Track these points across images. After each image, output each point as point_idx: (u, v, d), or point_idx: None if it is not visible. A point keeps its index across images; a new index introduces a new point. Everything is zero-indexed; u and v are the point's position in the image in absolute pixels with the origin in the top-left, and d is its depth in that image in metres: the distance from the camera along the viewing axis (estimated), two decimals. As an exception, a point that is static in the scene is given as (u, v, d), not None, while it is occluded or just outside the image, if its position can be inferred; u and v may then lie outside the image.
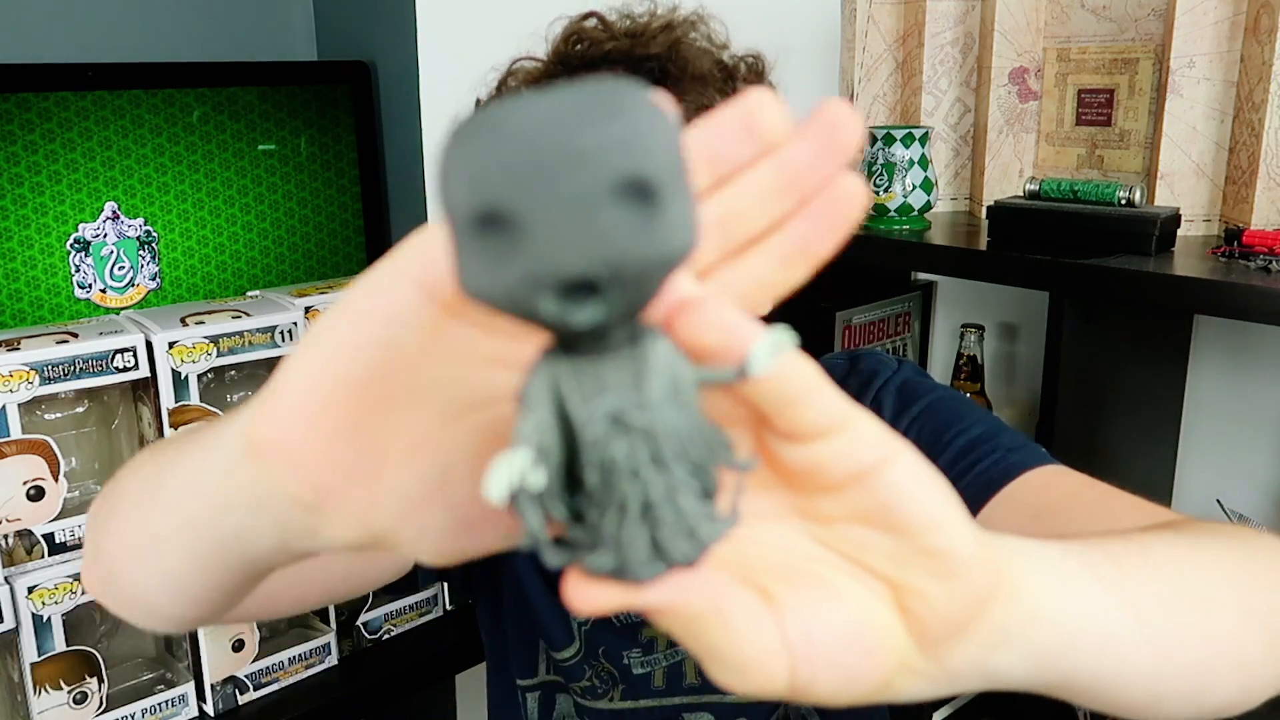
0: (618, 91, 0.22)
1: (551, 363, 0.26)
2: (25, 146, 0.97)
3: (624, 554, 0.26)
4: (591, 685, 0.76)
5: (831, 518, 0.31)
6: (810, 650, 0.29)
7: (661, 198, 0.23)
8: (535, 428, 0.25)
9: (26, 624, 0.81)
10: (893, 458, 0.29)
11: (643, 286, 0.23)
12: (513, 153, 0.22)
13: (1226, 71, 0.88)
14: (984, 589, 0.31)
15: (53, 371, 0.80)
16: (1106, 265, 0.81)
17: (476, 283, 0.23)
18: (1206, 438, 1.09)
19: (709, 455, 0.26)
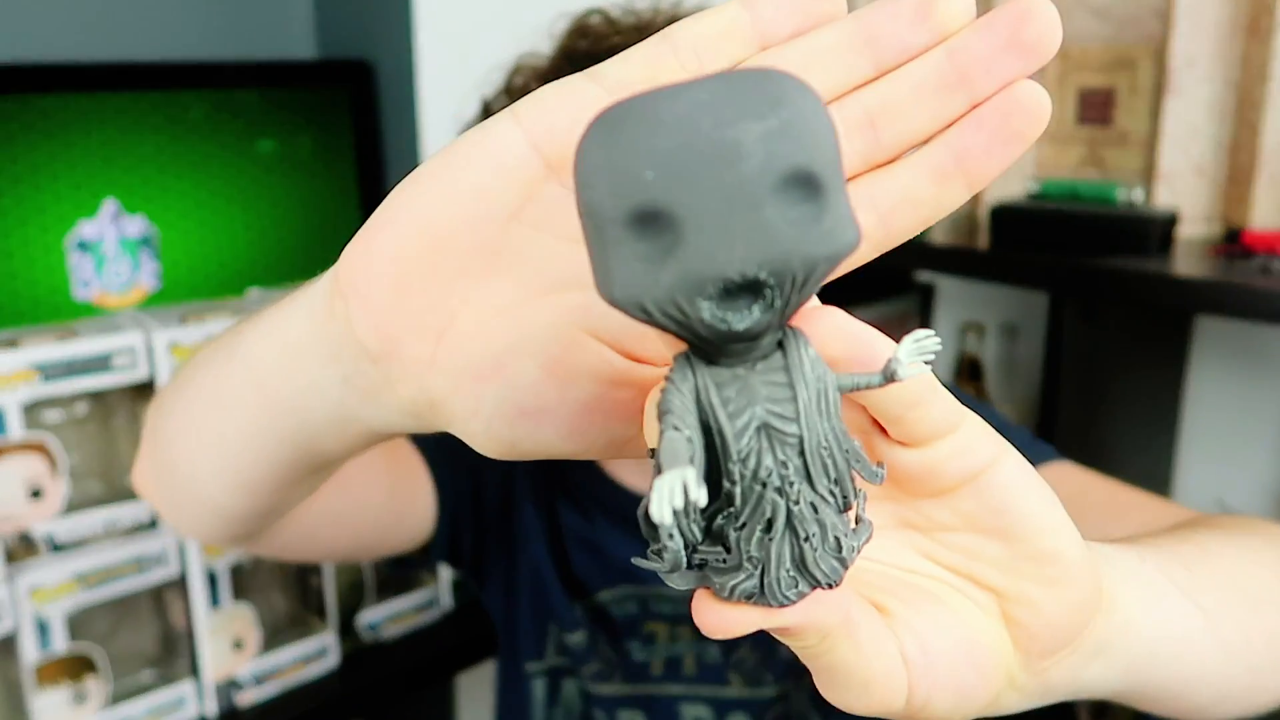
0: (772, 79, 0.21)
1: (693, 371, 0.24)
2: (25, 146, 0.97)
3: (767, 575, 0.24)
4: (599, 669, 0.77)
5: (940, 526, 0.29)
6: (928, 668, 0.28)
7: (827, 191, 0.21)
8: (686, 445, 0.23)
9: (27, 623, 0.81)
10: (1002, 459, 0.28)
11: (807, 286, 0.22)
12: (668, 146, 0.20)
13: (1227, 71, 0.88)
14: (1092, 597, 0.30)
15: (53, 371, 0.81)
16: (1107, 265, 0.81)
17: (630, 288, 0.22)
18: (1207, 438, 1.09)
19: (847, 466, 0.25)
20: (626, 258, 0.21)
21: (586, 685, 0.78)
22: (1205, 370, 1.08)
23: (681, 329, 0.22)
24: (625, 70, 0.28)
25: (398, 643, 1.04)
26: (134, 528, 0.87)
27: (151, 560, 0.87)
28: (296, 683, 0.98)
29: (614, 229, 0.21)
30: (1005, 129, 0.27)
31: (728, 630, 0.25)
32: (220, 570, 0.91)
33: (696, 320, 0.22)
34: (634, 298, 0.22)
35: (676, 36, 0.28)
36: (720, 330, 0.22)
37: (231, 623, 0.92)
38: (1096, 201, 0.89)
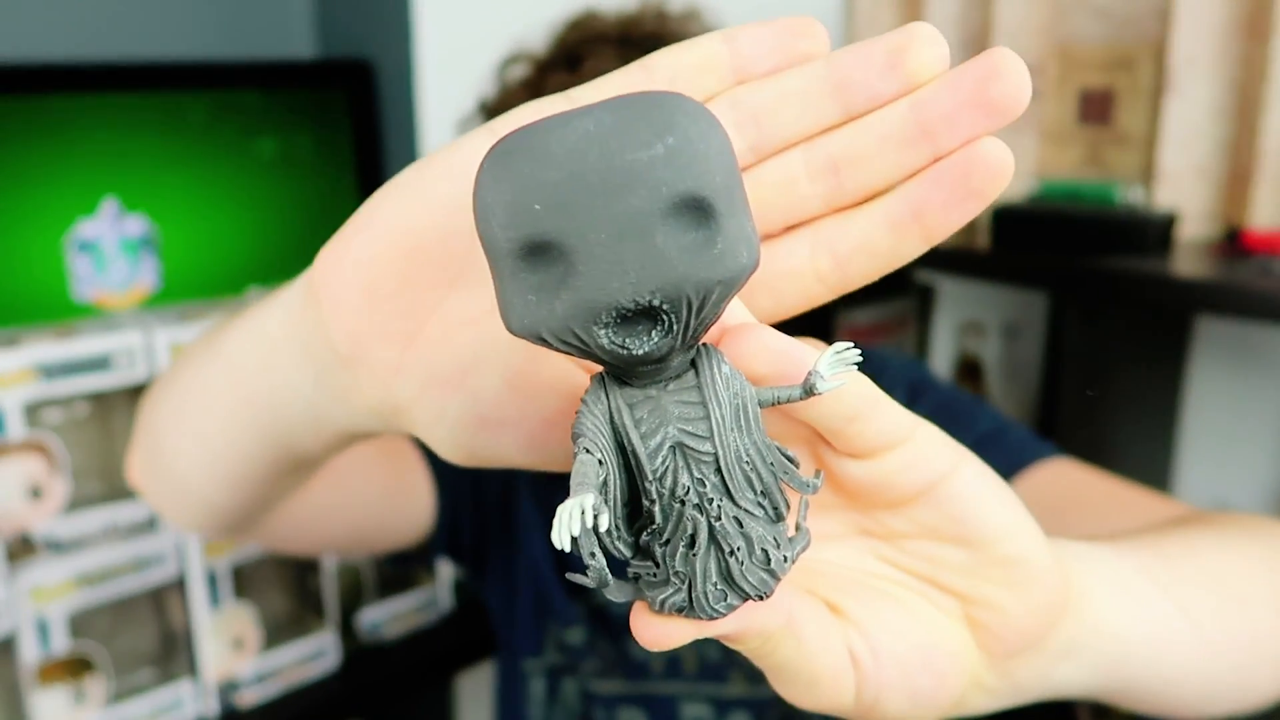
0: (662, 105, 0.21)
1: (606, 393, 0.24)
2: (25, 145, 0.97)
3: (694, 590, 0.24)
4: (599, 666, 0.77)
5: (899, 534, 0.29)
6: (877, 668, 0.28)
7: (719, 215, 0.21)
8: (596, 468, 0.23)
9: (27, 623, 0.82)
10: (960, 468, 0.28)
11: (704, 310, 0.22)
12: (557, 176, 0.20)
13: (1227, 71, 0.88)
14: (1057, 599, 0.30)
15: (53, 371, 0.81)
16: (1107, 265, 0.82)
17: (526, 319, 0.22)
18: (1207, 437, 1.09)
19: (775, 477, 0.25)
20: (522, 289, 0.21)
21: (586, 683, 0.78)
22: (1205, 370, 1.08)
23: (584, 354, 0.22)
24: (601, 95, 0.28)
25: (398, 643, 1.04)
26: (134, 528, 0.87)
27: (151, 560, 0.88)
28: (296, 683, 0.98)
29: (509, 261, 0.21)
30: (964, 187, 0.26)
31: (663, 643, 0.25)
32: (220, 570, 0.91)
33: (596, 347, 0.22)
34: (530, 328, 0.22)
35: (654, 65, 0.28)
36: (621, 355, 0.22)
37: (231, 623, 0.93)
38: (1096, 202, 0.89)
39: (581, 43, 0.70)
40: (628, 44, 0.69)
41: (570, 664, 0.79)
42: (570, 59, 0.69)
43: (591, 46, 0.69)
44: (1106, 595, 0.33)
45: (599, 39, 0.69)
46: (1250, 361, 1.05)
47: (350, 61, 1.18)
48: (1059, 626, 0.31)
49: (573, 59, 0.69)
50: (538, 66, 0.71)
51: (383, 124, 1.21)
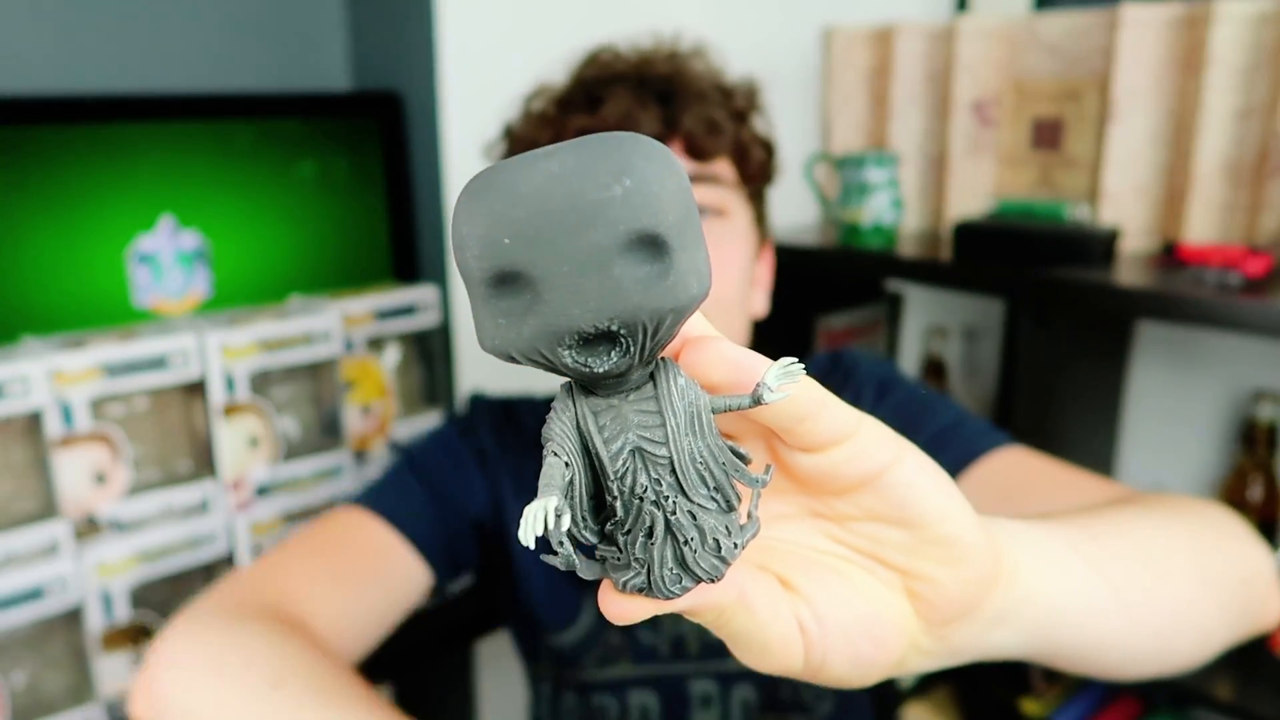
0: (623, 146, 0.21)
1: (573, 401, 0.24)
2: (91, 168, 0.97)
3: (653, 574, 0.25)
4: (604, 654, 0.73)
5: (845, 516, 0.30)
6: (823, 635, 0.29)
7: (672, 250, 0.21)
8: (563, 469, 0.24)
9: (93, 595, 0.82)
10: (901, 458, 0.28)
11: (659, 334, 0.22)
12: (524, 213, 0.20)
13: (1164, 102, 0.88)
14: (988, 574, 0.31)
15: (116, 370, 0.81)
16: (1057, 275, 0.82)
17: (496, 340, 0.22)
18: (1146, 430, 1.09)
19: (727, 474, 0.25)
20: (493, 313, 0.22)
21: (588, 675, 0.73)
22: (1145, 370, 1.08)
23: (550, 369, 0.23)
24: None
25: (420, 612, 1.04)
26: (188, 510, 0.87)
27: (204, 539, 0.88)
28: (333, 648, 0.98)
29: (481, 288, 0.22)
30: None
31: (626, 618, 0.25)
32: (266, 548, 0.91)
33: (561, 365, 0.22)
34: (500, 348, 0.22)
35: None
36: (583, 372, 0.22)
37: (275, 594, 0.93)
38: (1048, 218, 0.89)
39: (599, 82, 0.68)
40: (643, 85, 0.67)
41: (567, 668, 0.74)
42: (590, 99, 0.67)
43: (610, 88, 0.67)
44: (1037, 568, 0.33)
45: (616, 79, 0.67)
46: (1185, 361, 1.05)
47: (381, 94, 1.18)
48: (991, 597, 0.31)
49: (592, 99, 0.67)
50: (558, 103, 0.68)
51: (410, 149, 1.21)
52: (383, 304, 1.00)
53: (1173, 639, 0.41)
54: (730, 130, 0.67)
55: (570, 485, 0.24)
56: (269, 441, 0.91)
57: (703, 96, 0.67)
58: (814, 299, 1.13)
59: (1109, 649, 0.38)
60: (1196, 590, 0.42)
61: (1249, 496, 0.94)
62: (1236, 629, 0.46)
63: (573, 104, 0.67)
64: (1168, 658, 0.42)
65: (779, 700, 0.73)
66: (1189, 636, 0.42)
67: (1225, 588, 0.44)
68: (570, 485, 0.24)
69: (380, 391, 1.01)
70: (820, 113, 1.16)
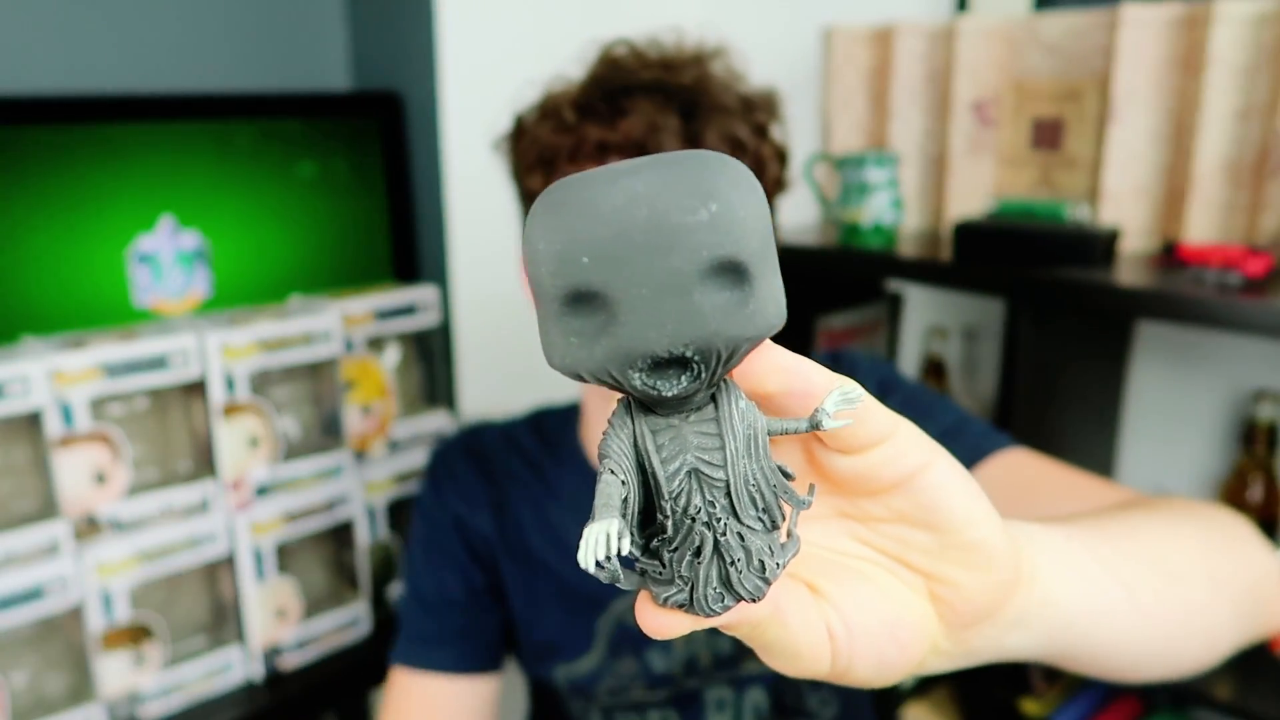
0: (709, 168, 0.20)
1: (631, 419, 0.24)
2: (91, 168, 0.97)
3: (695, 592, 0.24)
4: (617, 684, 0.73)
5: (874, 518, 0.30)
6: (850, 640, 0.29)
7: (753, 277, 0.21)
8: (619, 488, 0.23)
9: (93, 595, 0.82)
10: (934, 462, 0.28)
11: (732, 360, 0.22)
12: (605, 233, 0.20)
13: (1164, 102, 0.88)
14: (1010, 578, 0.31)
15: (116, 370, 0.81)
16: (1057, 275, 0.82)
17: (566, 358, 0.22)
18: (1146, 430, 1.09)
19: (776, 495, 0.25)
20: (564, 331, 0.21)
21: (604, 702, 0.74)
22: (1145, 369, 1.08)
23: (615, 389, 0.22)
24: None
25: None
26: (188, 510, 0.87)
27: (204, 539, 0.88)
28: (333, 648, 0.98)
29: (554, 305, 0.21)
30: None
31: (664, 633, 0.25)
32: (265, 548, 0.91)
33: (629, 387, 0.22)
34: (570, 367, 0.22)
35: None
36: (651, 395, 0.22)
37: (275, 594, 0.93)
38: (1048, 218, 0.89)
39: (621, 90, 0.65)
40: (665, 95, 0.64)
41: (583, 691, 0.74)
42: (611, 108, 0.64)
43: (631, 98, 0.64)
44: (1055, 572, 0.33)
45: (637, 88, 0.65)
46: (1185, 361, 1.05)
47: (381, 94, 1.18)
48: (1012, 601, 0.31)
49: (613, 108, 0.64)
50: (576, 107, 0.66)
51: (411, 149, 1.21)
52: (383, 304, 1.00)
53: (1183, 641, 0.41)
54: (752, 146, 0.66)
55: (625, 503, 0.23)
56: (269, 441, 0.91)
57: (725, 110, 0.65)
58: (814, 299, 1.13)
59: (1121, 651, 0.38)
60: (1207, 593, 0.42)
61: (1249, 496, 0.94)
62: (1245, 632, 0.46)
63: (592, 110, 0.65)
64: (1178, 660, 0.42)
65: (786, 705, 0.73)
66: (1199, 639, 0.42)
67: (1234, 590, 0.44)
68: (625, 503, 0.23)
69: (380, 391, 1.01)
70: (820, 113, 1.16)
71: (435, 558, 0.77)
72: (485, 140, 0.81)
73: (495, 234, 1.13)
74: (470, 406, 1.22)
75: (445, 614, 0.76)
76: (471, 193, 1.18)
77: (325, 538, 0.99)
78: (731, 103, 0.66)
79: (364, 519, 1.00)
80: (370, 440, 1.00)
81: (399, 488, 1.03)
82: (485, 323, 1.22)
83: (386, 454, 1.02)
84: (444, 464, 0.80)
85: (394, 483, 1.02)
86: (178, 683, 0.88)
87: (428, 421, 1.05)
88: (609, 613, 0.73)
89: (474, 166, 1.15)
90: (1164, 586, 0.40)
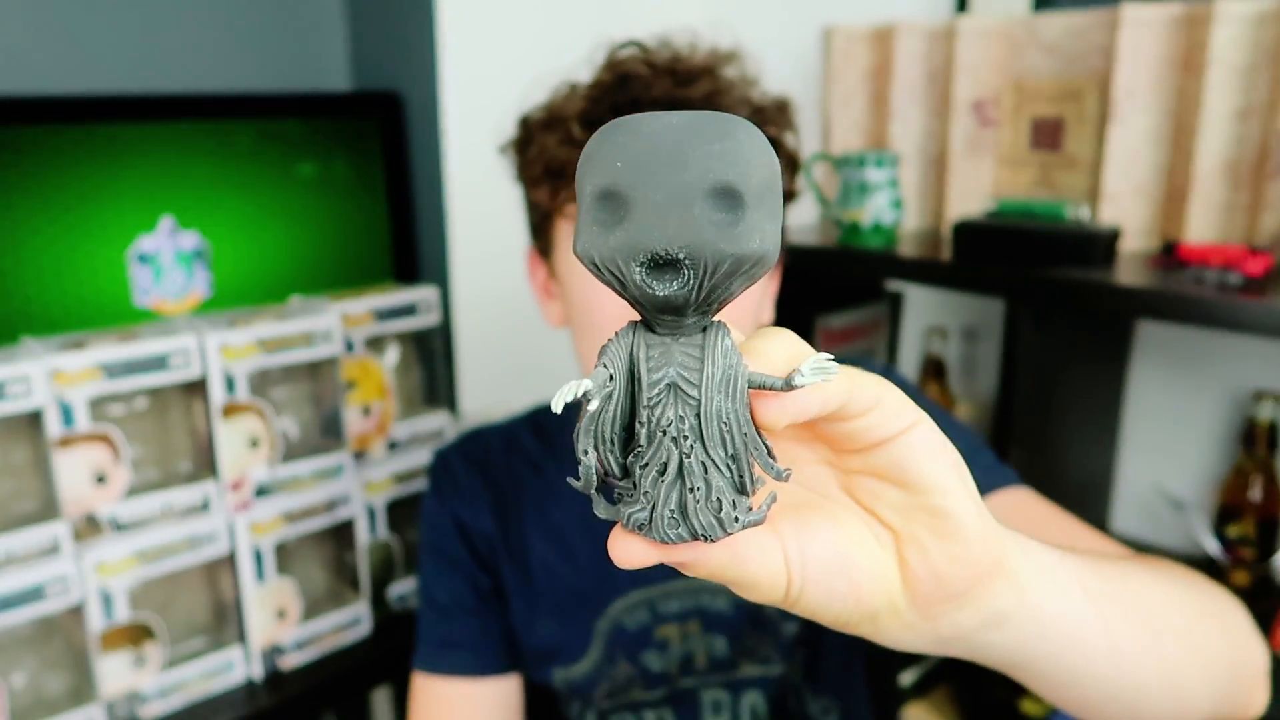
0: (731, 121, 0.25)
1: (635, 333, 0.27)
2: (91, 169, 0.97)
3: (654, 511, 0.27)
4: (614, 687, 0.73)
5: (852, 470, 0.32)
6: (802, 568, 0.30)
7: (744, 207, 0.24)
8: (606, 379, 0.27)
9: (93, 595, 0.82)
10: (914, 426, 0.30)
11: (716, 276, 0.25)
12: (639, 147, 0.24)
13: (1163, 102, 0.88)
14: (983, 564, 0.31)
15: (116, 370, 0.81)
16: (1057, 275, 0.81)
17: (587, 245, 0.25)
18: (1146, 430, 1.09)
19: (746, 449, 0.27)
20: (591, 222, 0.25)
21: (601, 705, 0.74)
22: (1145, 369, 1.08)
23: (623, 290, 0.26)
24: None
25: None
26: (188, 510, 0.87)
27: (204, 539, 0.88)
28: (333, 648, 0.98)
29: (588, 201, 0.25)
30: None
31: (627, 560, 0.27)
32: (265, 548, 0.91)
33: (630, 281, 0.25)
34: (588, 253, 0.25)
35: None
36: (647, 293, 0.25)
37: (275, 595, 0.93)
38: (1047, 218, 0.89)
39: (629, 105, 0.64)
40: (675, 105, 0.64)
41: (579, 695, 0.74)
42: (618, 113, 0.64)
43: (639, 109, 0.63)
44: (1038, 582, 0.34)
45: (648, 106, 0.64)
46: (1185, 361, 1.05)
47: (382, 94, 1.18)
48: (988, 594, 0.32)
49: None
50: (584, 122, 0.65)
51: (411, 149, 1.21)
52: (383, 304, 1.00)
53: (1150, 696, 0.41)
54: None
55: (610, 397, 0.27)
56: (269, 441, 0.91)
57: None
58: (814, 299, 1.13)
59: (1086, 685, 0.38)
60: (1186, 658, 0.42)
61: (1249, 496, 0.94)
62: (1217, 709, 0.45)
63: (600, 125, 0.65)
64: (1140, 713, 0.42)
65: (788, 709, 0.73)
66: (1169, 700, 0.42)
67: (1214, 665, 0.44)
68: (610, 397, 0.27)
69: (380, 392, 1.01)
70: (820, 112, 1.16)
71: (443, 564, 0.78)
72: (485, 140, 0.81)
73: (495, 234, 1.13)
74: (470, 406, 1.22)
75: (459, 618, 0.77)
76: (471, 193, 1.17)
77: (325, 538, 0.99)
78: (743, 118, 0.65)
79: (364, 519, 1.00)
80: (370, 440, 1.00)
81: (399, 488, 1.03)
82: (485, 323, 1.22)
83: (386, 454, 1.02)
84: (445, 469, 0.80)
85: (394, 483, 1.02)
86: (178, 683, 0.88)
87: (428, 421, 1.05)
88: (606, 615, 0.73)
89: (474, 166, 1.15)
90: (1145, 637, 0.39)
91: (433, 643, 0.77)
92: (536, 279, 0.75)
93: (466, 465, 0.79)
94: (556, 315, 0.73)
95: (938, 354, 1.17)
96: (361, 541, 0.99)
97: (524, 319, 1.14)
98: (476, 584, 0.77)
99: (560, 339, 0.89)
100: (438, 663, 0.76)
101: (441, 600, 0.77)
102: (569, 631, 0.74)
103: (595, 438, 0.27)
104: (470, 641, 0.76)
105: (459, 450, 0.80)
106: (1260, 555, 0.94)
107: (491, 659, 0.76)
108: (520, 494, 0.77)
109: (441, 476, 0.80)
